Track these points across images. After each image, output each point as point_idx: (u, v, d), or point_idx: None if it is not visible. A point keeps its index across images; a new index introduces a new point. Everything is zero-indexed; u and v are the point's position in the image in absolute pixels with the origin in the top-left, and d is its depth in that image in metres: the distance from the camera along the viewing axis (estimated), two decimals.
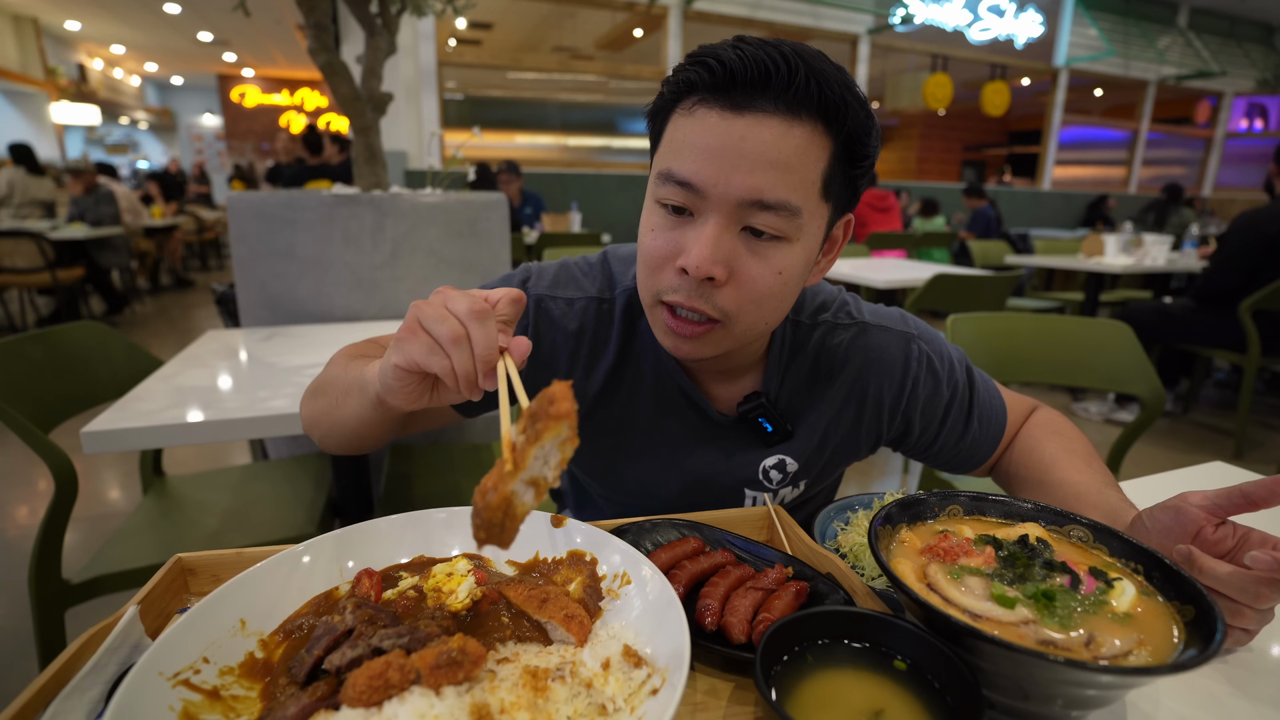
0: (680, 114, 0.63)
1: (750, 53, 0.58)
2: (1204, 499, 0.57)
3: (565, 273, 0.83)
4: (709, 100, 0.60)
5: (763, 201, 0.60)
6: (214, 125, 13.79)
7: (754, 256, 0.63)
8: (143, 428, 1.06)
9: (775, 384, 0.81)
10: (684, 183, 0.61)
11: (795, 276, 0.66)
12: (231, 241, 1.96)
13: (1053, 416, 0.91)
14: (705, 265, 0.61)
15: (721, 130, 0.59)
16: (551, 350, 0.80)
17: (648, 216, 0.68)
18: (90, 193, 5.76)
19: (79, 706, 0.42)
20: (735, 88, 0.59)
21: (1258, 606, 0.52)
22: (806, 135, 0.60)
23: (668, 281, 0.66)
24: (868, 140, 0.63)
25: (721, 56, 0.59)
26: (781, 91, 0.58)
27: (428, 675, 0.41)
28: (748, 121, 0.59)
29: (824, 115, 0.60)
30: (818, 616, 0.49)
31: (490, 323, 0.50)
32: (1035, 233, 6.90)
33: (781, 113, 0.59)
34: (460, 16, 2.28)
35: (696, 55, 0.61)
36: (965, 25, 7.52)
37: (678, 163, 0.62)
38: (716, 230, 0.61)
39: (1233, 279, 3.10)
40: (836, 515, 0.77)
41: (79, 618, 1.16)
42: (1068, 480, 0.76)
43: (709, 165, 0.60)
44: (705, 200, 0.61)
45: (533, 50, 7.78)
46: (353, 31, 5.64)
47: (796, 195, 0.61)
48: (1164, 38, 9.13)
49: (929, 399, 0.83)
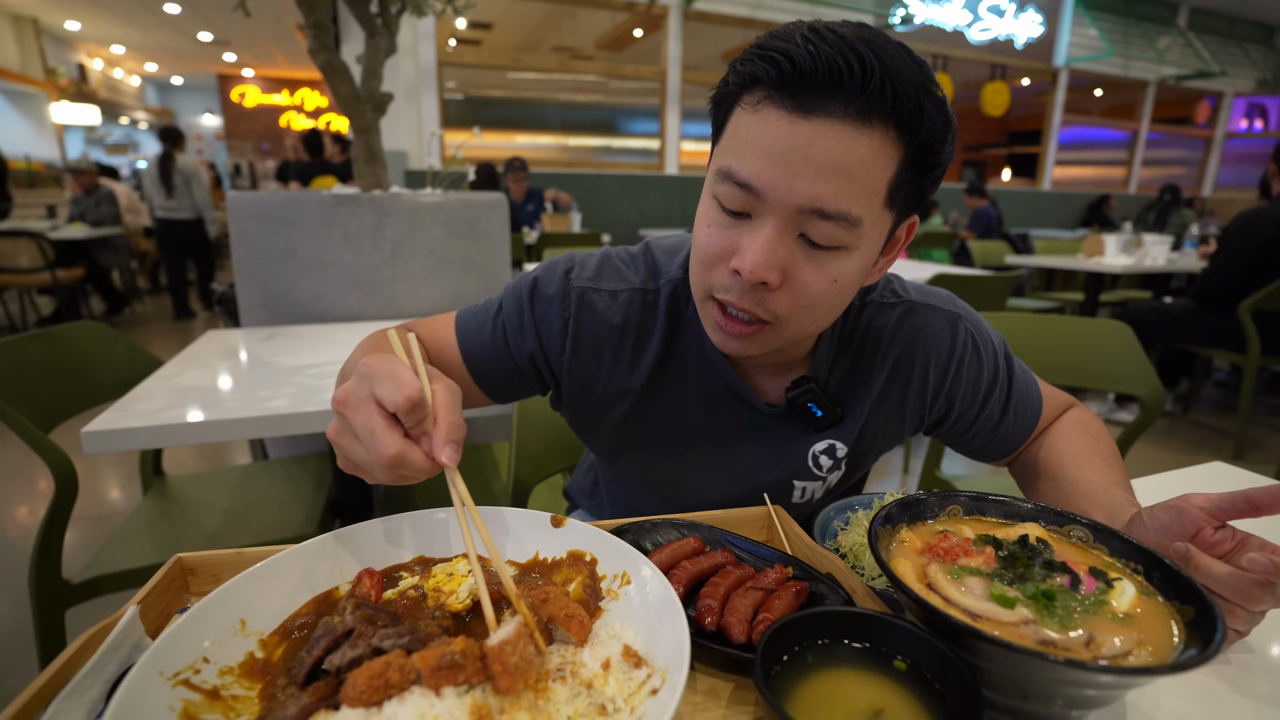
0: (745, 108, 0.60)
1: (823, 52, 0.54)
2: (1206, 501, 0.57)
3: (608, 264, 0.81)
4: (775, 98, 0.57)
5: (823, 210, 0.57)
6: (214, 125, 13.78)
7: (809, 263, 0.61)
8: (143, 428, 1.06)
9: (825, 369, 0.79)
10: (744, 184, 0.59)
11: (851, 283, 0.64)
12: (231, 241, 1.96)
13: (1086, 416, 0.90)
14: (760, 270, 0.59)
15: (787, 133, 0.56)
16: (595, 343, 0.79)
17: (704, 211, 0.65)
18: (90, 193, 5.76)
19: (79, 706, 0.42)
20: (804, 88, 0.55)
21: (1250, 608, 0.52)
22: (876, 142, 0.56)
23: (720, 280, 0.64)
24: (941, 149, 0.60)
25: (792, 54, 0.55)
26: (854, 96, 0.55)
27: (428, 676, 0.41)
28: (815, 126, 0.56)
29: (897, 121, 0.56)
30: (818, 616, 0.49)
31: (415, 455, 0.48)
32: (1035, 233, 6.90)
33: (851, 118, 0.55)
34: (460, 16, 2.28)
35: (766, 47, 0.57)
36: (965, 25, 7.52)
37: (739, 163, 0.59)
38: (773, 235, 0.59)
39: (1233, 279, 3.10)
40: (836, 515, 0.77)
41: (79, 618, 1.16)
42: (1080, 477, 0.75)
43: (771, 169, 0.57)
44: (764, 204, 0.59)
45: (533, 50, 7.78)
46: (353, 31, 5.64)
47: (858, 206, 0.58)
48: (1164, 38, 9.13)
49: (972, 381, 0.82)
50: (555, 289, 0.79)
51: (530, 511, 0.62)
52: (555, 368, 0.81)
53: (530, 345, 0.79)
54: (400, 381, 0.48)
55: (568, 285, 0.79)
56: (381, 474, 0.49)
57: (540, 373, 0.82)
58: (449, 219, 2.14)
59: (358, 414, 0.49)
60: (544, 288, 0.79)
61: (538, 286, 0.80)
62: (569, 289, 0.78)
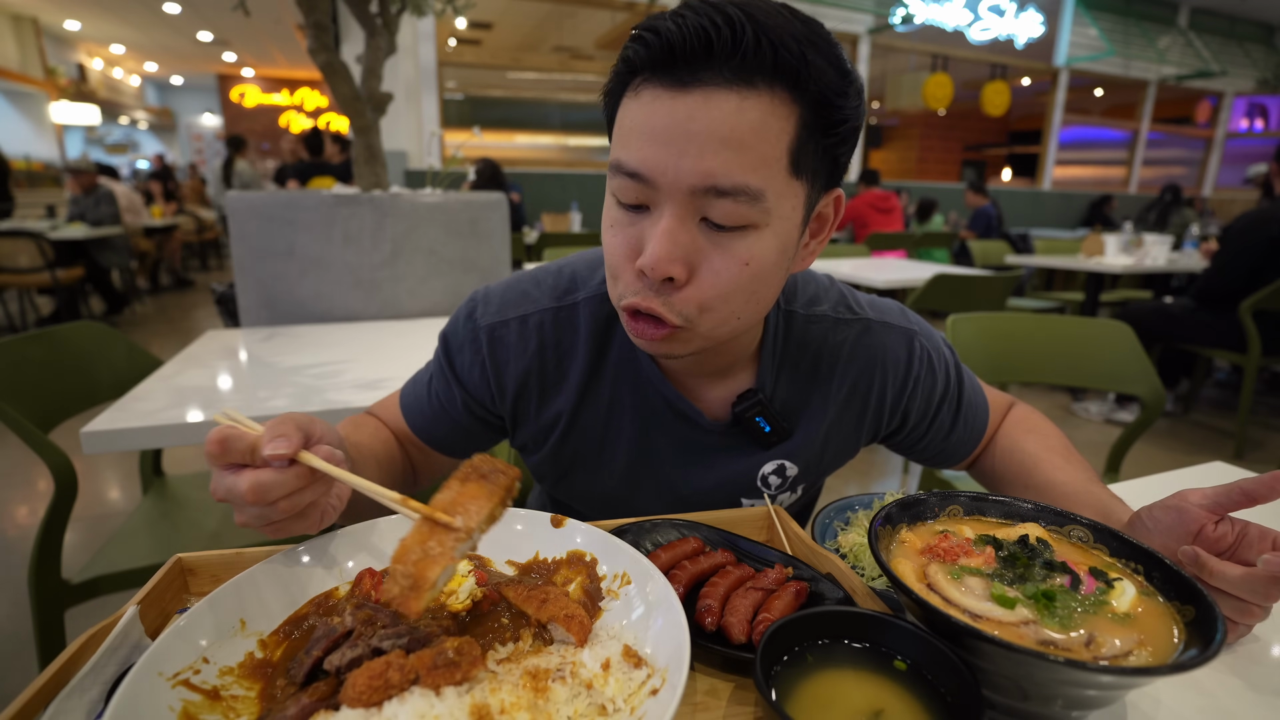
0: (629, 96, 0.57)
1: (690, 21, 0.52)
2: (1203, 497, 0.57)
3: (515, 290, 0.78)
4: (652, 79, 0.55)
5: (717, 187, 0.54)
6: (214, 125, 13.79)
7: (717, 249, 0.57)
8: (143, 428, 1.06)
9: (770, 380, 0.76)
10: (632, 173, 0.56)
11: (769, 265, 0.60)
12: (231, 241, 1.96)
13: (1028, 413, 0.91)
14: (662, 265, 0.56)
15: (666, 111, 0.53)
16: (519, 376, 0.76)
17: (606, 213, 0.62)
18: (90, 193, 5.76)
19: (79, 707, 0.42)
20: (677, 62, 0.53)
21: (1266, 604, 0.53)
22: (764, 106, 0.53)
23: (629, 284, 0.60)
24: (843, 102, 0.56)
25: (659, 28, 0.53)
26: (728, 59, 0.52)
27: (425, 676, 0.41)
28: (694, 99, 0.53)
29: (783, 79, 0.53)
30: (818, 616, 0.49)
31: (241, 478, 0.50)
32: (1035, 233, 6.90)
33: (733, 84, 0.52)
34: (460, 16, 2.28)
35: (636, 28, 0.55)
36: (965, 25, 7.52)
37: (625, 152, 0.56)
38: (672, 223, 0.56)
39: (1234, 279, 3.10)
40: (836, 515, 0.77)
41: (79, 618, 1.16)
42: (1054, 480, 0.76)
43: (656, 151, 0.54)
44: (657, 191, 0.56)
45: (533, 50, 7.78)
46: (353, 31, 5.64)
47: (756, 176, 0.54)
48: (1164, 37, 9.13)
49: (926, 396, 0.81)
50: (464, 336, 0.77)
51: (530, 511, 0.62)
52: (493, 410, 0.79)
53: (460, 397, 0.78)
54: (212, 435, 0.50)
55: (474, 327, 0.76)
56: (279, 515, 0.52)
57: (484, 420, 0.80)
58: (449, 219, 2.13)
59: (218, 490, 0.52)
60: (453, 339, 0.78)
61: (449, 340, 0.78)
62: (476, 331, 0.76)
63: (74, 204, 5.79)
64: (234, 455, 0.50)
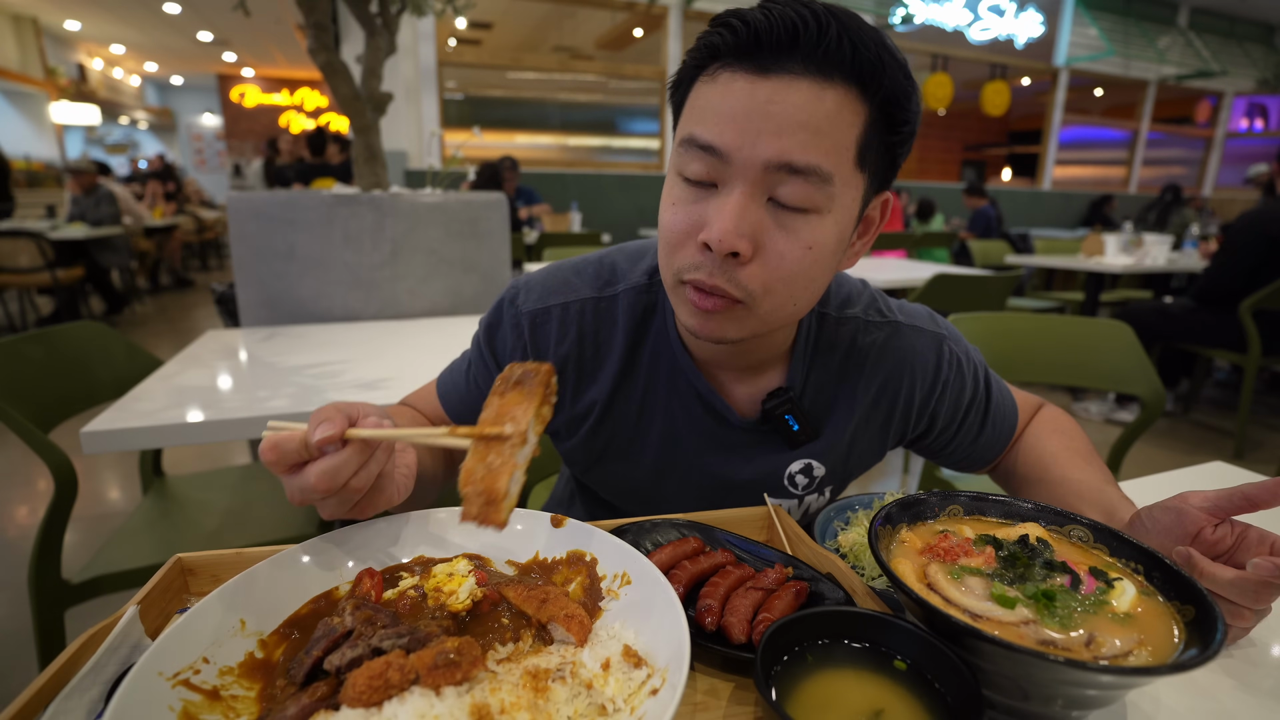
0: (704, 81, 0.59)
1: (778, 11, 0.55)
2: (1204, 500, 0.57)
3: (556, 278, 0.79)
4: (734, 65, 0.57)
5: (792, 165, 0.55)
6: (214, 125, 13.78)
7: (782, 230, 0.59)
8: (142, 428, 1.06)
9: (801, 379, 0.77)
10: (706, 147, 0.57)
11: (827, 254, 0.61)
12: (231, 241, 1.96)
13: (1056, 414, 0.91)
14: (729, 239, 0.57)
15: (747, 93, 0.55)
16: (558, 365, 0.77)
17: (668, 190, 0.63)
18: (90, 192, 5.76)
19: (79, 707, 0.42)
20: (761, 49, 0.55)
21: (1257, 608, 0.52)
22: (839, 98, 0.56)
23: (689, 258, 0.61)
24: (908, 105, 0.59)
25: (746, 16, 0.55)
26: (811, 51, 0.54)
27: (425, 676, 0.41)
28: (775, 84, 0.55)
29: (859, 77, 0.56)
30: (818, 616, 0.49)
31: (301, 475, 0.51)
32: (1035, 233, 6.90)
33: (812, 74, 0.55)
34: (460, 16, 2.28)
35: (720, 17, 0.58)
36: (965, 25, 7.52)
37: (700, 127, 0.58)
38: (742, 200, 0.57)
39: (1234, 279, 3.10)
40: (836, 515, 0.77)
41: (79, 618, 1.16)
42: (1068, 478, 0.76)
43: (733, 128, 0.56)
44: (729, 167, 0.57)
45: (533, 50, 7.78)
46: (353, 31, 5.64)
47: (828, 160, 0.56)
48: (1164, 37, 9.13)
49: (954, 400, 0.82)
50: (506, 321, 0.78)
51: (530, 511, 0.62)
52: None
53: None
54: (265, 444, 0.51)
55: (516, 313, 0.78)
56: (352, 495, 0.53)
57: None
58: (449, 219, 2.13)
59: (294, 495, 0.53)
60: (495, 324, 0.80)
61: (491, 326, 0.80)
62: (518, 316, 0.77)
63: (74, 204, 5.79)
64: (289, 456, 0.51)
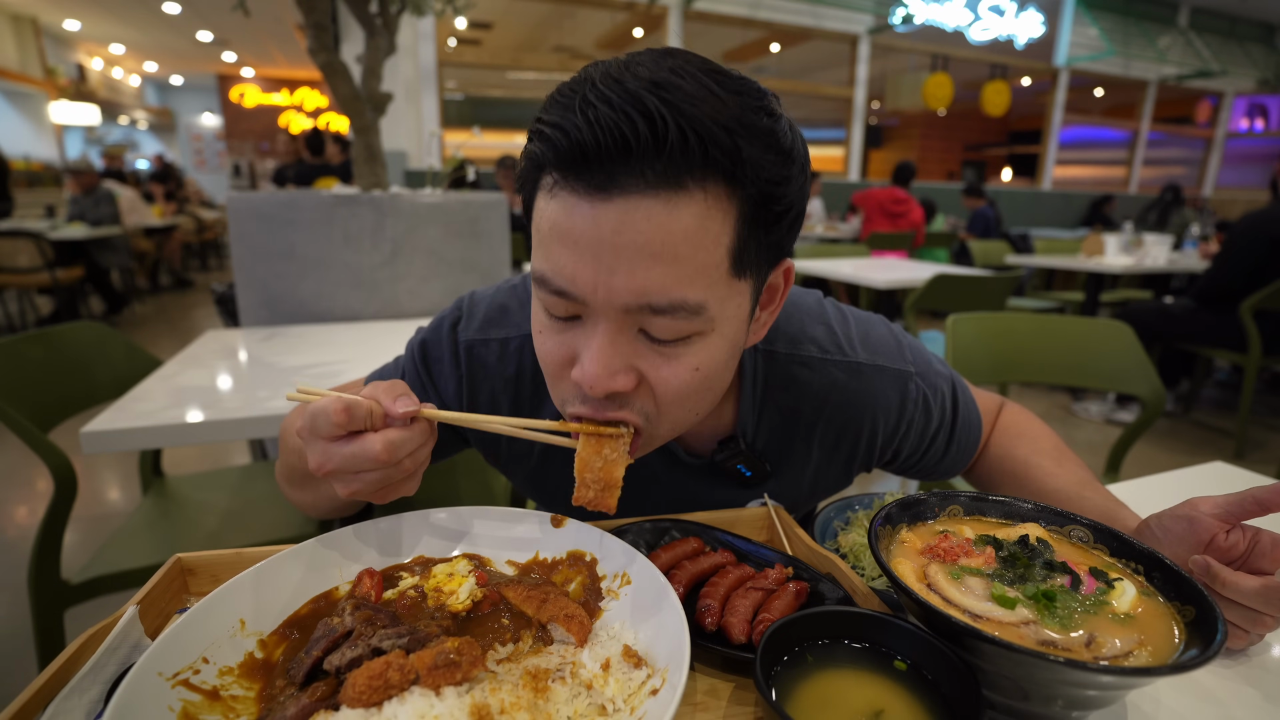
0: (543, 193, 0.51)
1: (604, 117, 0.45)
2: (1214, 506, 0.57)
3: (497, 305, 0.75)
4: (569, 180, 0.48)
5: (652, 305, 0.49)
6: (214, 125, 13.78)
7: (661, 358, 0.53)
8: (142, 428, 1.06)
9: (752, 422, 0.73)
10: (559, 292, 0.51)
11: (720, 365, 0.56)
12: (231, 241, 1.96)
13: (1015, 415, 0.90)
14: (602, 381, 0.51)
15: (589, 222, 0.47)
16: (492, 400, 0.74)
17: (535, 314, 0.57)
18: (90, 193, 5.76)
19: (78, 707, 0.42)
20: (591, 165, 0.46)
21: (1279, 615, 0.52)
22: (698, 209, 0.47)
23: (571, 391, 0.56)
24: (785, 189, 0.50)
25: (566, 127, 0.46)
26: (651, 161, 0.45)
27: (426, 676, 0.41)
28: (617, 207, 0.46)
29: (717, 174, 0.47)
30: (818, 616, 0.49)
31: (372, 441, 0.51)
32: (1035, 232, 6.90)
33: (658, 188, 0.46)
34: (460, 16, 2.28)
35: (543, 121, 0.49)
36: (965, 25, 7.52)
37: (548, 264, 0.51)
38: (608, 338, 0.51)
39: (1235, 279, 3.10)
40: (836, 515, 0.77)
41: (79, 618, 1.16)
42: (1045, 490, 0.75)
43: (583, 270, 0.49)
44: (589, 306, 0.51)
45: (533, 50, 7.78)
46: (353, 31, 5.64)
47: (694, 290, 0.49)
48: (1164, 37, 9.13)
49: (919, 433, 0.79)
50: (444, 348, 0.75)
51: (530, 511, 0.62)
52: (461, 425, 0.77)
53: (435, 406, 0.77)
54: (321, 410, 0.51)
55: (455, 341, 0.74)
56: (399, 474, 0.53)
57: (455, 429, 0.77)
58: (449, 219, 2.13)
59: (330, 460, 0.52)
60: (433, 348, 0.76)
61: (427, 348, 0.76)
62: (456, 345, 0.74)
63: (74, 204, 5.79)
64: (358, 423, 0.51)
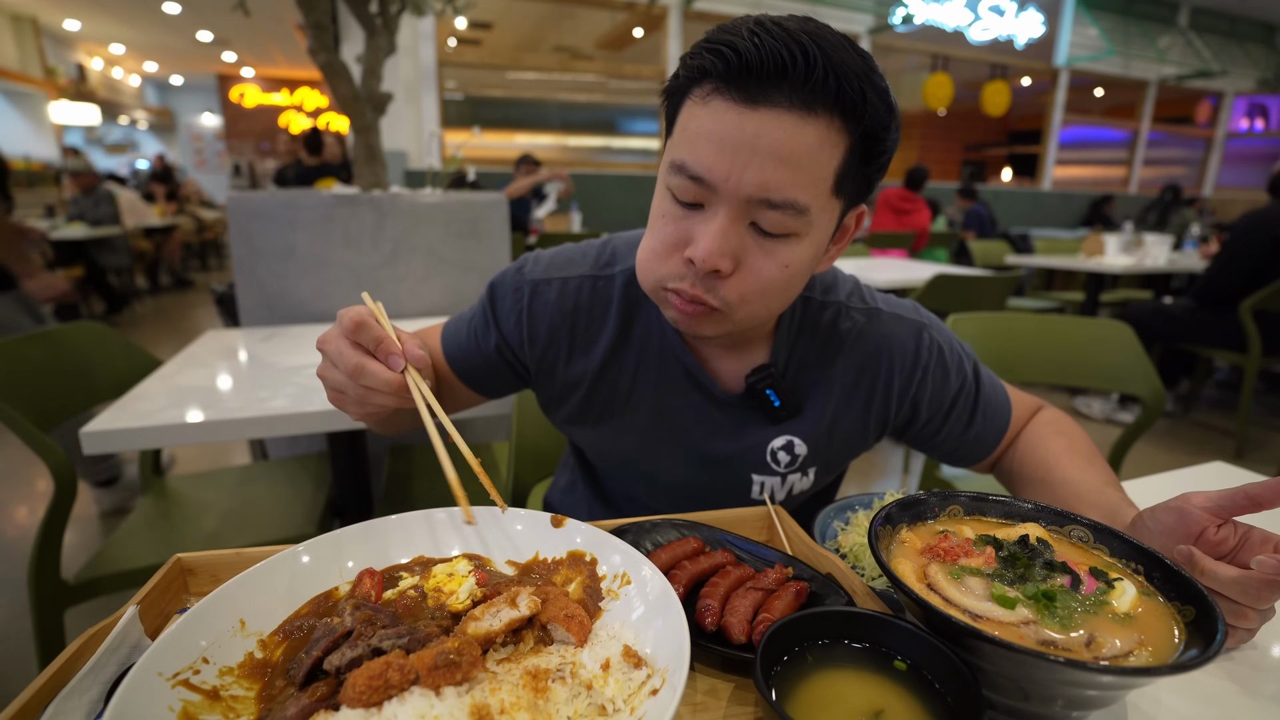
0: (694, 101, 0.62)
1: (768, 44, 0.57)
2: (1207, 500, 0.57)
3: (562, 255, 0.85)
4: (723, 90, 0.59)
5: (770, 200, 0.60)
6: (214, 125, 13.78)
7: (760, 251, 0.64)
8: (142, 428, 1.06)
9: (784, 358, 0.81)
10: (696, 177, 0.61)
11: (802, 269, 0.66)
12: (231, 241, 1.96)
13: (1057, 416, 0.91)
14: (712, 258, 0.61)
15: (735, 125, 0.58)
16: (550, 331, 0.83)
17: (659, 202, 0.67)
18: (89, 193, 5.76)
19: (78, 707, 0.42)
20: (750, 79, 0.58)
21: (1260, 607, 0.52)
22: (821, 131, 0.59)
23: (674, 269, 0.66)
24: (885, 136, 0.62)
25: (738, 46, 0.57)
26: (798, 86, 0.57)
27: (425, 676, 0.41)
28: (762, 117, 0.58)
29: (841, 110, 0.58)
30: (818, 616, 0.49)
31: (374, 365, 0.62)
32: (1035, 232, 6.90)
33: (796, 108, 0.57)
34: (460, 16, 2.28)
35: (714, 40, 0.60)
36: (965, 25, 7.51)
37: (691, 156, 0.61)
38: (725, 223, 0.61)
39: (1235, 279, 3.10)
40: (836, 515, 0.77)
41: (79, 618, 1.16)
42: (1070, 479, 0.76)
43: (721, 162, 0.59)
44: (715, 194, 0.61)
45: (533, 50, 7.77)
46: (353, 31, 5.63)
47: (805, 193, 0.60)
48: (1164, 37, 9.12)
49: (937, 388, 0.84)
50: (510, 285, 0.85)
51: (530, 511, 0.62)
52: (520, 357, 0.86)
53: (494, 339, 0.86)
54: (353, 312, 0.62)
55: (520, 280, 0.84)
56: (353, 392, 0.64)
57: (511, 365, 0.87)
58: (449, 219, 2.13)
59: (329, 344, 0.64)
60: (500, 286, 0.86)
61: (495, 287, 0.86)
62: (522, 283, 0.84)
63: (73, 204, 5.79)
64: (364, 338, 0.62)
